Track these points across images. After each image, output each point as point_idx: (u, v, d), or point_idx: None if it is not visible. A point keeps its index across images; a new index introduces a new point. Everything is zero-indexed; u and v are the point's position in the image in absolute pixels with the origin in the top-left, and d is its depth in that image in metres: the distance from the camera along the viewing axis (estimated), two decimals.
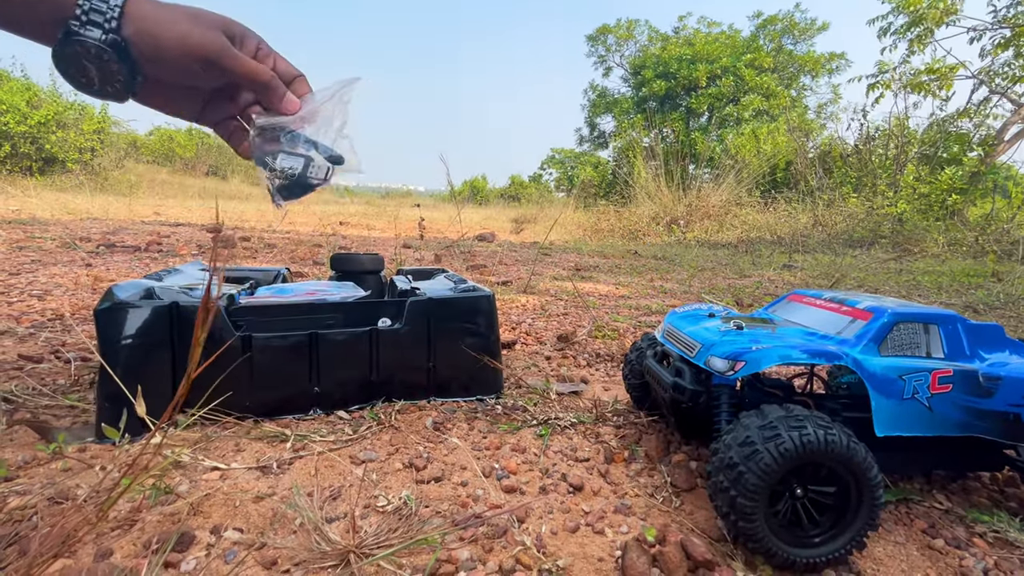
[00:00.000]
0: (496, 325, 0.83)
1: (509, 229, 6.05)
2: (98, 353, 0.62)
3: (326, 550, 0.44)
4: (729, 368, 0.53)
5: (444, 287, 0.87)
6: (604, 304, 1.74)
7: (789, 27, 11.86)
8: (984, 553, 0.51)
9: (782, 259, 3.50)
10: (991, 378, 0.52)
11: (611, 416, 0.78)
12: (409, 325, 0.77)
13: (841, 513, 0.46)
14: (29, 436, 0.61)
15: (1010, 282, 2.38)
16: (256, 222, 4.21)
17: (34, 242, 2.11)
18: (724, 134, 10.00)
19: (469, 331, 0.80)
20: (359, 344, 0.74)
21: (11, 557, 0.41)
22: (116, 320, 0.62)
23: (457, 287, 0.86)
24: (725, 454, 0.47)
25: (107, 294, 0.64)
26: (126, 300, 0.63)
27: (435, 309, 0.78)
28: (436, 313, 0.78)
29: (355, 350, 0.74)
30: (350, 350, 0.74)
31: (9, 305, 1.17)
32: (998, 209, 4.25)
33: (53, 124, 6.62)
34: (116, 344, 0.62)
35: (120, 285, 0.67)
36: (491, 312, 0.82)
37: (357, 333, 0.75)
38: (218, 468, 0.57)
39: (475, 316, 0.81)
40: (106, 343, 0.62)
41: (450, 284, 0.91)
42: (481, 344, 0.81)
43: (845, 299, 0.61)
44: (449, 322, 0.79)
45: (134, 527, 0.47)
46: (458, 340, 0.79)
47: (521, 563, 0.45)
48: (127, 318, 0.63)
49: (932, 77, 4.92)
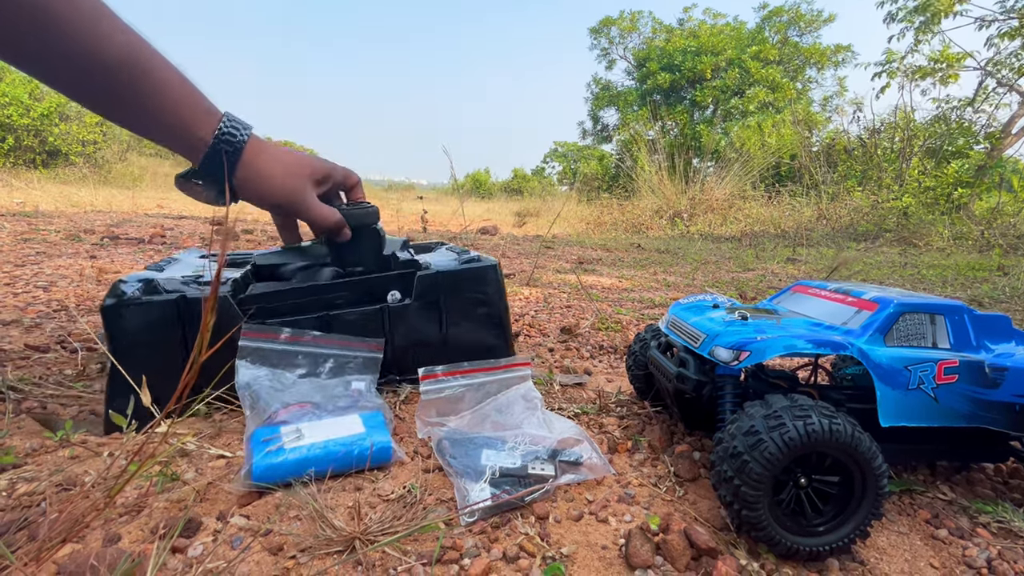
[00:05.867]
0: (504, 293, 0.84)
1: (512, 222, 6.04)
2: (106, 348, 0.62)
3: (331, 537, 0.44)
4: (733, 358, 0.52)
5: (448, 259, 0.87)
6: (607, 297, 1.74)
7: (795, 19, 11.74)
8: (987, 543, 0.51)
9: (786, 253, 3.49)
10: (997, 369, 0.52)
11: (614, 407, 0.78)
12: (419, 299, 0.77)
13: (845, 502, 0.47)
14: (36, 424, 0.62)
15: (1016, 276, 2.37)
16: (259, 215, 4.21)
17: (39, 234, 2.12)
18: (729, 127, 9.92)
19: (479, 301, 0.81)
20: (371, 322, 0.75)
21: (21, 541, 0.42)
22: (123, 315, 0.62)
23: (460, 257, 0.86)
24: (729, 443, 0.47)
25: (112, 289, 0.64)
26: (132, 295, 0.63)
27: (444, 281, 0.78)
28: (445, 285, 0.78)
29: (367, 329, 0.75)
30: (363, 329, 0.74)
31: (15, 296, 1.18)
32: (1004, 203, 4.22)
33: (56, 117, 6.62)
34: (124, 340, 0.62)
35: (125, 279, 0.67)
36: (498, 281, 0.83)
37: (369, 312, 0.75)
38: (223, 456, 0.57)
39: (483, 286, 0.81)
40: (114, 339, 0.62)
41: (453, 256, 0.91)
42: (491, 313, 0.81)
43: (851, 290, 0.61)
44: (458, 294, 0.79)
45: (141, 513, 0.47)
46: (468, 311, 0.80)
47: (525, 550, 0.46)
48: (134, 313, 0.63)
49: (938, 67, 4.87)
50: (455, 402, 0.69)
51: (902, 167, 5.10)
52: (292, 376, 0.67)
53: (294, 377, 0.67)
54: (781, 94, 10.48)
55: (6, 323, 0.98)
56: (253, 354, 0.65)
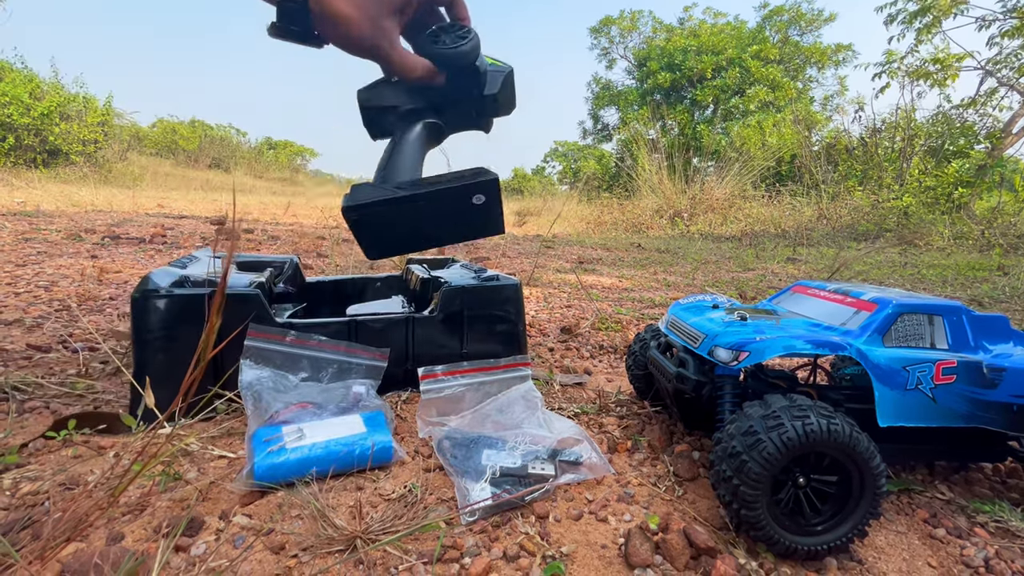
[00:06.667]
0: (523, 313, 0.86)
1: (512, 222, 6.04)
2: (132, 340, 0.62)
3: (333, 535, 0.45)
4: (733, 358, 0.53)
5: (464, 275, 0.89)
6: (607, 297, 1.74)
7: (796, 18, 11.73)
8: (985, 542, 0.51)
9: (786, 252, 3.49)
10: (995, 369, 0.52)
11: (614, 407, 0.78)
12: (443, 313, 0.79)
13: (843, 502, 0.47)
14: (40, 424, 0.62)
15: (1016, 275, 2.37)
16: (259, 214, 4.21)
17: (40, 234, 2.12)
18: (729, 126, 9.92)
19: (500, 318, 0.82)
20: (396, 331, 0.76)
21: (25, 540, 0.42)
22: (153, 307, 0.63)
23: (479, 276, 0.88)
24: (728, 443, 0.47)
25: (143, 282, 0.65)
26: (164, 288, 0.64)
27: (467, 297, 0.80)
28: (468, 301, 0.80)
29: (392, 338, 0.76)
30: (387, 338, 0.76)
31: (16, 296, 1.18)
32: (1005, 202, 4.21)
33: (56, 116, 6.62)
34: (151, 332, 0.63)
35: (155, 272, 0.68)
36: (519, 300, 0.85)
37: (394, 320, 0.76)
38: (225, 456, 0.58)
39: (505, 304, 0.83)
40: (141, 330, 0.63)
41: (469, 272, 0.93)
42: (511, 332, 0.83)
43: (850, 290, 0.61)
44: (480, 309, 0.81)
45: (144, 512, 0.48)
46: (489, 328, 0.82)
47: (525, 549, 0.46)
48: (164, 306, 0.63)
49: (938, 67, 4.87)
50: (456, 402, 0.70)
51: (903, 167, 5.10)
52: (295, 379, 0.67)
53: (296, 380, 0.67)
54: (782, 93, 10.47)
55: (8, 323, 0.98)
56: (258, 355, 0.66)
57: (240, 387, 0.63)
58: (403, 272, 1.08)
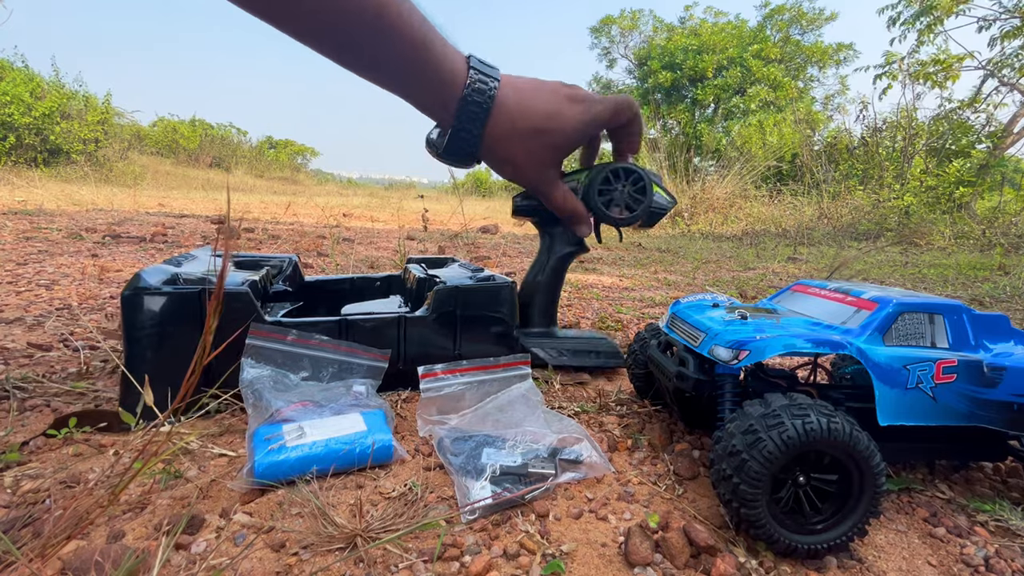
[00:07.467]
0: (517, 314, 0.85)
1: (512, 221, 6.03)
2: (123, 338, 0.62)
3: (333, 534, 0.45)
4: (733, 357, 0.53)
5: (461, 275, 0.88)
6: (608, 296, 1.74)
7: (797, 17, 11.72)
8: (985, 541, 0.51)
9: (787, 252, 3.49)
10: (996, 368, 0.52)
11: (614, 406, 0.78)
12: (436, 312, 0.78)
13: (843, 500, 0.47)
14: (41, 422, 0.62)
15: (1017, 275, 2.37)
16: (260, 213, 4.22)
17: (41, 232, 2.12)
18: (730, 125, 9.91)
19: (493, 319, 0.82)
20: (388, 330, 0.75)
21: (26, 538, 0.42)
22: (144, 306, 0.62)
23: (475, 275, 0.87)
24: (728, 442, 0.47)
25: (133, 279, 0.64)
26: (154, 285, 0.63)
27: (460, 297, 0.79)
28: (461, 301, 0.79)
29: (384, 337, 0.75)
30: (379, 337, 0.75)
31: (17, 294, 1.18)
32: (1006, 202, 4.21)
33: (57, 115, 6.62)
34: (142, 330, 0.62)
35: (147, 270, 0.67)
36: (513, 301, 0.84)
37: (386, 320, 0.75)
38: (225, 455, 0.58)
39: (499, 305, 0.82)
40: (132, 328, 0.62)
41: (466, 272, 0.92)
42: (505, 333, 0.82)
43: (850, 289, 0.61)
44: (473, 310, 0.80)
45: (145, 510, 0.48)
46: (482, 328, 0.81)
47: (525, 548, 0.46)
48: (155, 304, 0.63)
49: (939, 68, 4.86)
50: (456, 400, 0.70)
51: (904, 166, 5.09)
52: (296, 378, 0.67)
53: (297, 379, 0.67)
54: (783, 93, 10.47)
55: (9, 321, 0.98)
56: (258, 353, 0.66)
57: (241, 385, 0.63)
58: (402, 272, 1.08)
